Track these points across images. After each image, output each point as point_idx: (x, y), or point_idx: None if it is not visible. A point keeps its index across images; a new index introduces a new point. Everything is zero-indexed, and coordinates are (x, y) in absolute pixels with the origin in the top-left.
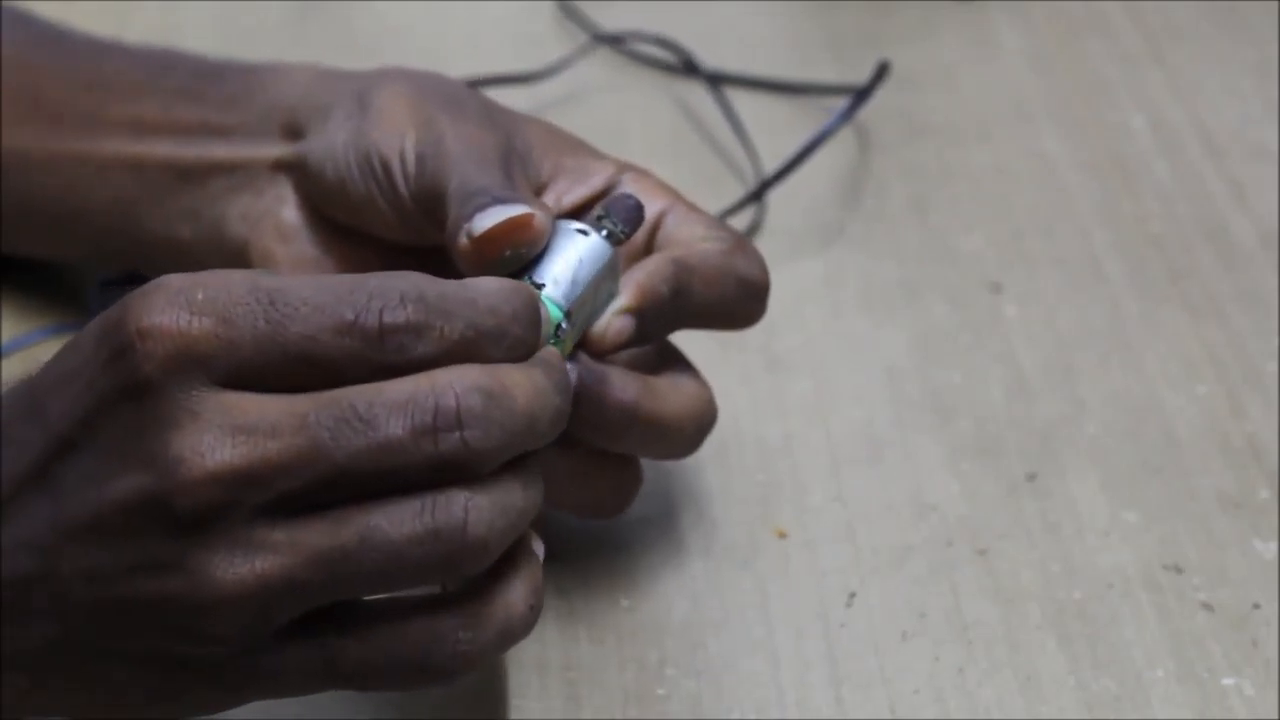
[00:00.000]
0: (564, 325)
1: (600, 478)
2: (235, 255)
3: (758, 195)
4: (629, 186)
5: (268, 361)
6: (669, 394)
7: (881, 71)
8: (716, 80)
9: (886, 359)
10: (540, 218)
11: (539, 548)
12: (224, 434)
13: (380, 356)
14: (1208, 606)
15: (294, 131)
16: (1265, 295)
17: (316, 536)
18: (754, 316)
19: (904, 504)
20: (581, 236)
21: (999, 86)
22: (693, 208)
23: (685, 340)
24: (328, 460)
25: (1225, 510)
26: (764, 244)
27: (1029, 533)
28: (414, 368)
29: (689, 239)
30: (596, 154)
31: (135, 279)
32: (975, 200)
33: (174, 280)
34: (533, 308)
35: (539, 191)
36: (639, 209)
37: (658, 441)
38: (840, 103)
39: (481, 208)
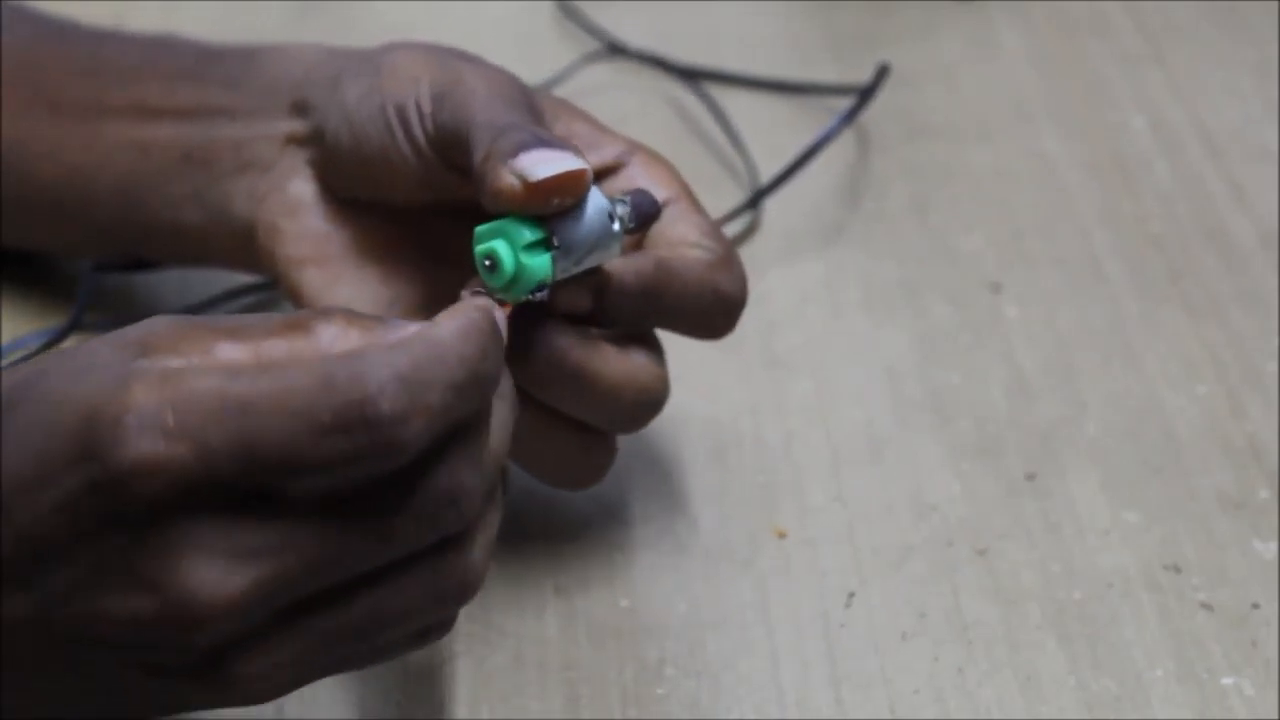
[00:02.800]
0: (542, 295)
1: (567, 442)
2: (242, 235)
3: (753, 203)
4: (637, 169)
5: (252, 476)
6: (611, 358)
7: (881, 75)
8: (718, 80)
9: (886, 359)
10: (589, 172)
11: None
12: (234, 561)
13: (368, 451)
14: (1207, 606)
15: (302, 108)
16: (1265, 295)
17: (328, 623)
18: (723, 331)
19: (904, 504)
20: (603, 209)
21: (999, 86)
22: (694, 206)
23: (686, 340)
24: (344, 566)
25: (1225, 510)
26: (763, 244)
27: (1029, 533)
28: (403, 452)
29: (679, 241)
30: (606, 129)
31: (131, 264)
32: (975, 200)
33: (140, 400)
34: (495, 335)
35: None
36: (654, 211)
37: (589, 403)
38: (840, 103)
39: (525, 146)
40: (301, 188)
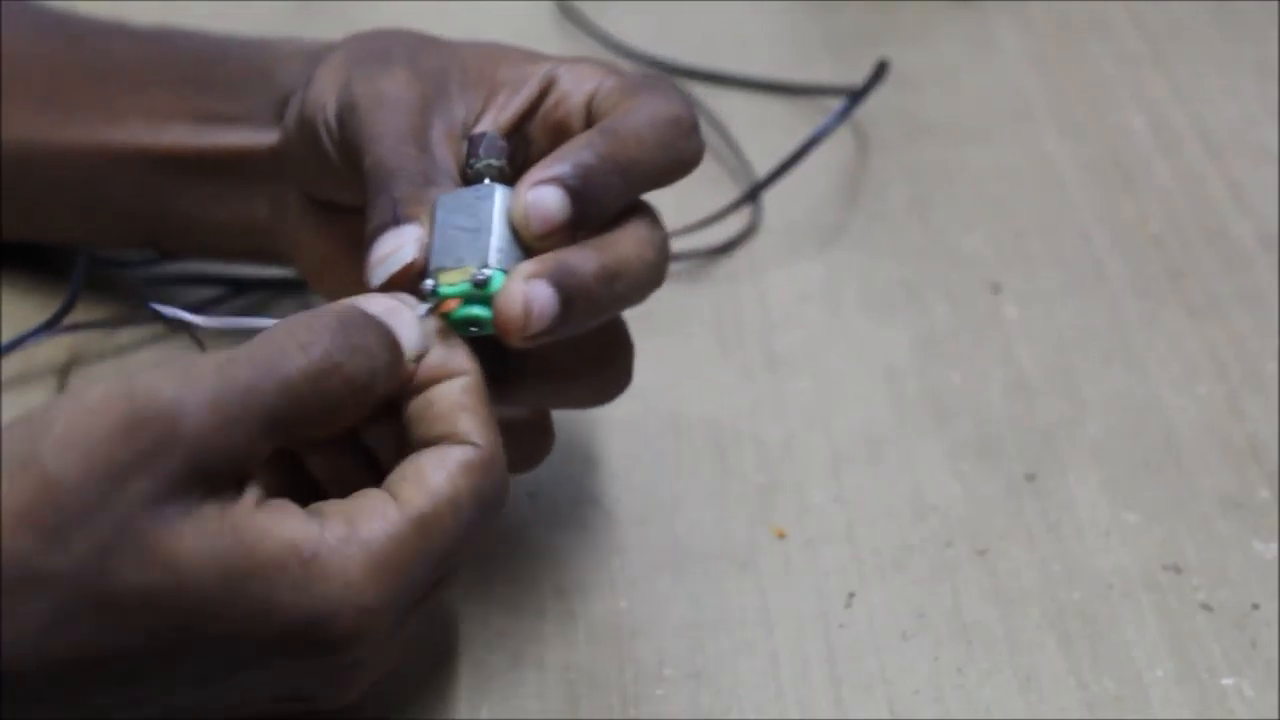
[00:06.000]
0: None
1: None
2: (266, 235)
3: (751, 197)
4: (565, 80)
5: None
6: (623, 242)
7: (879, 72)
8: (716, 81)
9: (886, 359)
10: (417, 260)
11: None
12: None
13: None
14: (1207, 607)
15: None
16: (1265, 295)
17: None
18: (696, 155)
19: (904, 504)
20: (459, 203)
21: (999, 86)
22: (623, 82)
23: (685, 341)
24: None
25: (1225, 510)
26: (764, 244)
27: (1029, 533)
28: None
29: (591, 96)
30: (534, 58)
31: (124, 262)
32: (975, 200)
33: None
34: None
35: (476, 118)
36: (495, 139)
37: (625, 295)
38: (840, 103)
39: (378, 229)
40: (297, 195)
